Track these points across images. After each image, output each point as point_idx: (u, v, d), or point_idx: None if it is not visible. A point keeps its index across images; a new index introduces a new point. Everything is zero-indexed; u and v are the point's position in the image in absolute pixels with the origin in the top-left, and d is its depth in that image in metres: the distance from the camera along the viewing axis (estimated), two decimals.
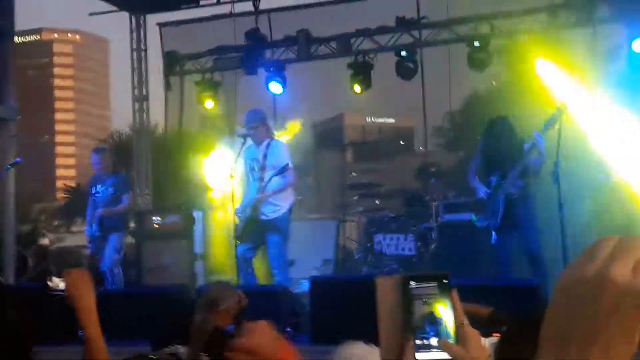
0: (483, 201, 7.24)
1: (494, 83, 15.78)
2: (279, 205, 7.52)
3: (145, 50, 12.55)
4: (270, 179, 7.43)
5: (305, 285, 6.90)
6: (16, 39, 11.35)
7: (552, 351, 0.80)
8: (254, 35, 12.41)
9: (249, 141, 7.77)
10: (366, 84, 12.02)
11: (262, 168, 7.53)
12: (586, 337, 0.78)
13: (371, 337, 1.51)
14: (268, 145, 7.58)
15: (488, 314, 4.23)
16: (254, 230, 7.49)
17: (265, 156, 7.54)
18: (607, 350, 0.77)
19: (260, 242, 7.57)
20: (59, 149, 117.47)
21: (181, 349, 3.53)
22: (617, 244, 0.81)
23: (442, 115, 12.70)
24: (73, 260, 12.60)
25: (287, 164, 7.42)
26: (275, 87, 12.30)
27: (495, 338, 2.99)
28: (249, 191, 7.70)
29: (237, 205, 7.71)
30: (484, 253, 7.63)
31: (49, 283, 2.62)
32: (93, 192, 9.05)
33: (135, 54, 12.49)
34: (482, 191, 7.27)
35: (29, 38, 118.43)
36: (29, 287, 7.50)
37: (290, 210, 7.65)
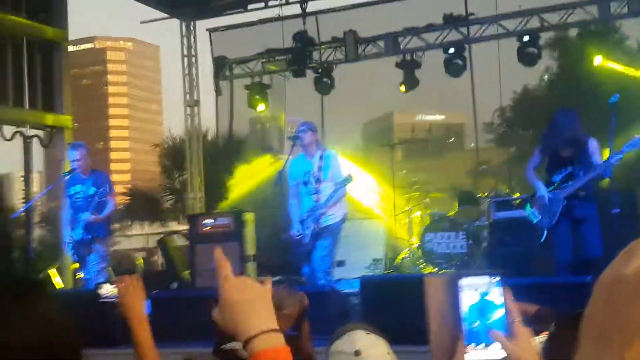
0: (540, 198, 6.95)
1: (545, 78, 15.56)
2: (334, 215, 7.49)
3: (196, 56, 12.73)
4: (334, 194, 7.34)
5: (355, 285, 6.91)
6: (70, 48, 11.61)
7: (590, 351, 0.78)
8: (301, 37, 12.48)
9: (296, 152, 7.70)
10: (414, 82, 11.99)
11: (318, 181, 7.45)
12: (625, 337, 0.76)
13: (422, 336, 1.51)
14: (321, 157, 7.49)
15: (534, 312, 4.21)
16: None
17: (320, 168, 7.45)
18: None
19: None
20: (114, 155, 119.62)
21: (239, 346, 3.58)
22: None
23: (492, 111, 12.57)
24: (128, 264, 12.84)
25: (348, 175, 7.36)
26: (323, 88, 12.34)
27: (543, 336, 2.97)
28: (303, 205, 7.58)
29: (292, 222, 7.63)
30: (536, 251, 7.53)
31: (100, 291, 2.68)
32: (72, 193, 8.17)
33: (185, 59, 12.67)
34: (541, 190, 6.92)
35: (82, 47, 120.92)
36: (84, 292, 7.65)
37: (343, 220, 7.60)
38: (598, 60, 10.70)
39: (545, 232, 6.84)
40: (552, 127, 6.95)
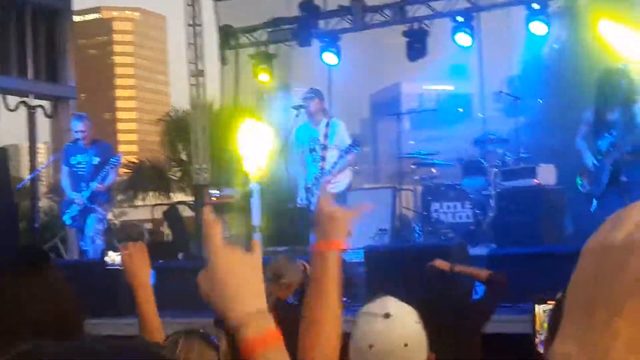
0: (587, 168, 6.75)
1: (555, 46, 15.37)
2: (339, 182, 7.51)
3: (201, 25, 12.61)
4: (339, 160, 7.35)
5: (360, 255, 6.90)
6: (76, 19, 11.55)
7: (576, 320, 0.75)
8: (307, 6, 12.35)
9: (301, 120, 7.71)
10: (422, 51, 11.87)
11: (324, 148, 7.46)
12: (612, 307, 0.73)
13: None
14: (327, 125, 7.50)
15: (487, 277, 4.27)
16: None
17: (326, 136, 7.46)
18: (634, 322, 0.72)
19: None
20: (120, 126, 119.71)
21: None
22: None
23: (501, 81, 12.45)
24: (135, 234, 12.86)
25: (354, 141, 7.37)
26: (330, 58, 12.24)
27: (549, 305, 2.95)
28: (309, 172, 7.60)
29: (297, 186, 7.67)
30: (544, 220, 7.49)
31: (106, 258, 2.67)
32: (73, 162, 8.25)
33: (190, 29, 12.56)
34: (587, 158, 6.75)
35: (88, 17, 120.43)
36: (89, 261, 7.66)
37: (348, 187, 7.62)
38: (603, 25, 10.53)
39: (595, 202, 6.73)
40: (598, 87, 6.74)
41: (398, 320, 2.07)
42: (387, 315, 2.06)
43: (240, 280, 1.28)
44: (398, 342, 2.04)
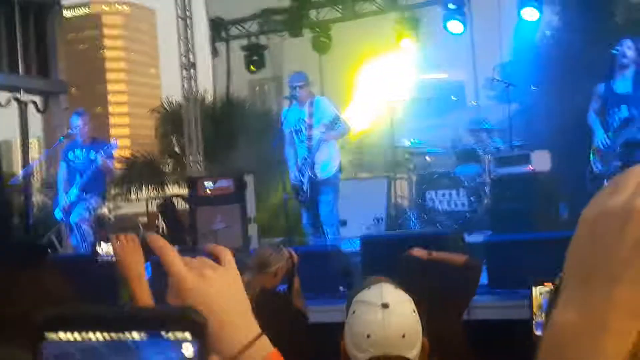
0: (598, 146, 6.60)
1: (547, 32, 15.34)
2: (331, 164, 7.53)
3: (191, 18, 12.55)
4: (324, 135, 7.36)
5: (356, 244, 6.89)
6: (65, 13, 11.48)
7: (575, 288, 0.74)
8: None
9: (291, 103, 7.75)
10: (413, 39, 11.84)
11: (310, 126, 7.49)
12: (611, 273, 0.72)
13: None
14: (311, 104, 7.54)
15: (463, 262, 4.28)
16: (311, 191, 7.52)
17: (311, 114, 7.49)
18: (634, 289, 0.71)
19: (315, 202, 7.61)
20: (113, 120, 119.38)
21: None
22: None
23: (493, 68, 12.43)
24: (130, 227, 12.82)
25: (337, 115, 7.37)
26: (321, 48, 12.22)
27: (547, 287, 2.95)
28: (298, 153, 7.67)
29: (289, 169, 7.73)
30: (539, 206, 7.49)
31: (98, 250, 2.64)
32: (70, 157, 8.33)
33: (180, 22, 12.50)
34: (598, 135, 6.59)
35: (77, 11, 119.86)
36: (81, 255, 7.63)
37: (339, 169, 7.66)
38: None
39: (606, 183, 6.67)
40: (612, 55, 6.58)
41: (396, 311, 2.06)
42: (385, 306, 2.05)
43: (218, 309, 1.01)
44: (396, 333, 2.04)
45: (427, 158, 10.02)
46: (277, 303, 3.96)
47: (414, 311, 2.11)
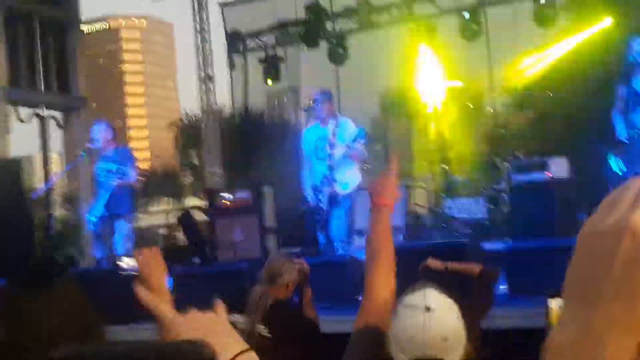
0: (621, 145, 6.50)
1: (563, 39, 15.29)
2: (351, 183, 7.50)
3: (208, 31, 12.66)
4: (346, 152, 7.33)
5: None
6: (84, 29, 11.62)
7: (573, 308, 0.74)
8: (314, 8, 12.37)
9: (311, 121, 7.74)
10: (430, 48, 11.85)
11: (332, 146, 7.44)
12: (608, 293, 0.71)
13: None
14: (337, 124, 7.49)
15: (479, 272, 4.24)
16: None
17: (334, 133, 7.44)
18: (632, 307, 0.71)
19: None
20: (132, 133, 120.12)
21: (240, 319, 3.60)
22: None
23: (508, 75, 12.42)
24: (150, 239, 12.91)
25: (361, 133, 7.32)
26: (338, 59, 12.26)
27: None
28: (316, 172, 7.58)
29: (305, 185, 7.70)
30: (558, 213, 7.46)
31: (120, 264, 2.68)
32: (98, 172, 8.22)
33: (198, 35, 12.61)
34: (622, 133, 6.49)
35: (96, 26, 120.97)
36: (103, 269, 7.69)
37: (359, 189, 7.60)
38: (607, 22, 10.47)
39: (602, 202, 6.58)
40: (626, 55, 6.52)
41: (438, 314, 2.08)
42: (427, 309, 2.07)
43: (201, 332, 1.06)
44: (438, 336, 2.06)
45: (445, 166, 10.02)
46: (289, 314, 3.96)
47: (458, 317, 2.14)
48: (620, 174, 6.66)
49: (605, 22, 10.22)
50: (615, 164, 6.67)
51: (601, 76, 7.15)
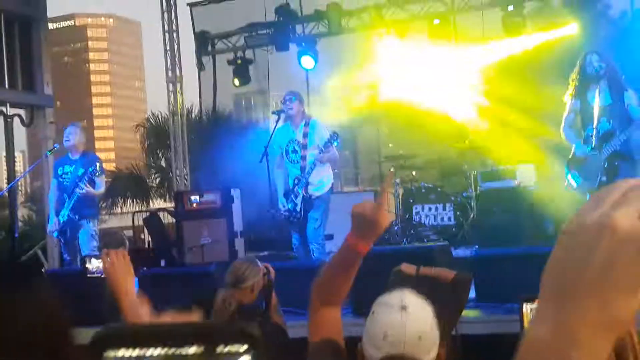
0: (577, 159, 6.49)
1: (530, 48, 15.47)
2: (324, 183, 7.48)
3: (177, 31, 12.55)
4: (319, 156, 7.29)
5: None
6: (50, 26, 11.46)
7: (548, 304, 0.73)
8: (284, 11, 12.36)
9: (280, 122, 7.71)
10: (398, 54, 11.91)
11: (304, 146, 7.39)
12: (584, 289, 0.71)
13: None
14: (307, 124, 7.46)
15: (452, 278, 4.24)
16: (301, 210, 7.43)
17: (305, 135, 7.41)
18: (607, 305, 0.70)
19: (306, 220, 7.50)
20: (98, 133, 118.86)
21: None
22: (629, 189, 0.73)
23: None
24: (117, 241, 12.76)
25: (335, 136, 7.29)
26: (307, 62, 12.24)
27: (536, 304, 2.96)
28: (289, 175, 7.54)
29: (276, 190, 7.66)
30: (525, 220, 7.53)
31: (88, 266, 2.64)
32: (60, 173, 8.05)
33: (167, 35, 12.50)
34: (578, 147, 6.43)
35: (62, 24, 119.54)
36: (71, 271, 7.59)
37: (331, 189, 7.61)
38: (573, 29, 10.60)
39: (589, 198, 6.64)
40: (583, 74, 6.48)
41: (414, 313, 2.10)
42: (403, 308, 2.09)
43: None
44: (412, 335, 2.07)
45: (413, 172, 10.07)
46: (254, 319, 3.93)
47: (433, 318, 2.15)
48: (576, 186, 6.65)
49: (569, 30, 10.38)
50: (572, 177, 6.65)
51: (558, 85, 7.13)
